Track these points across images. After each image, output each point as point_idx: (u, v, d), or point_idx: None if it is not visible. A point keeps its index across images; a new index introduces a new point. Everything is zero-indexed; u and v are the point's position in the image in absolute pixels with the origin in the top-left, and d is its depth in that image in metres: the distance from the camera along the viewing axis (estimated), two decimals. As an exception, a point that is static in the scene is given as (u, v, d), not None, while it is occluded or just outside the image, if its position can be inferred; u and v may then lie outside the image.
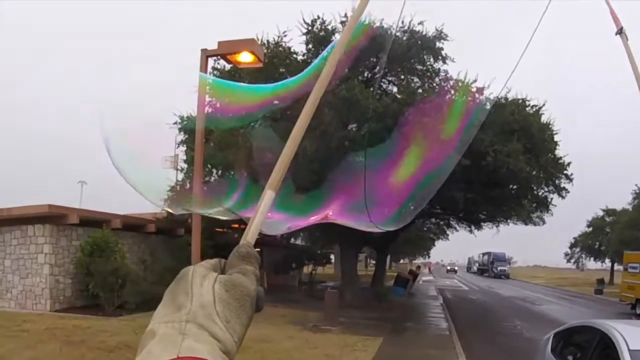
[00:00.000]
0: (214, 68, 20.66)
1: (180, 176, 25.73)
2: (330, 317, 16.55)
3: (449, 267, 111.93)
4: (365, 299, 24.11)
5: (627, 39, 2.61)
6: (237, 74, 17.22)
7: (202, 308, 0.86)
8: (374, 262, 47.27)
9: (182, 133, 22.87)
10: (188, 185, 20.73)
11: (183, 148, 23.82)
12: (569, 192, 21.96)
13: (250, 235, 1.11)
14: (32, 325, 14.82)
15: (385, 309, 21.99)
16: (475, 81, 18.26)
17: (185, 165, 23.34)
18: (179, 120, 22.55)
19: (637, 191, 51.57)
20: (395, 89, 20.70)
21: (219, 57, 11.89)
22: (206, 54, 10.69)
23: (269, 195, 1.20)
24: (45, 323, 15.13)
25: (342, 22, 20.14)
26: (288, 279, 36.29)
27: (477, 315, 24.97)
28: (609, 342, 5.25)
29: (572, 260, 72.57)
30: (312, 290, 28.29)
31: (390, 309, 22.09)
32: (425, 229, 46.52)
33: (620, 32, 2.62)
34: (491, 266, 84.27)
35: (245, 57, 10.69)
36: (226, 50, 10.58)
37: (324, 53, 2.05)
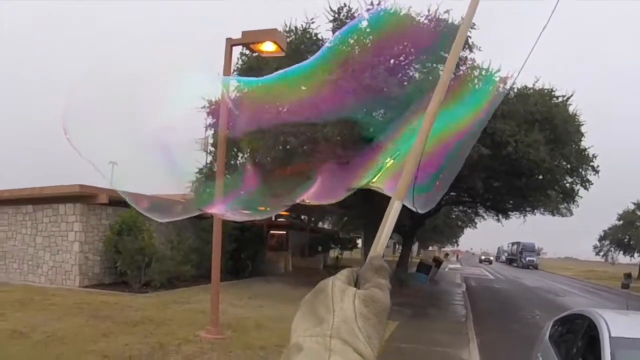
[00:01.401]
0: (241, 54, 20.96)
1: (209, 158, 26.16)
2: (348, 300, 16.83)
3: (482, 257, 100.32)
4: (387, 284, 24.33)
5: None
6: (263, 60, 17.46)
7: (344, 323, 0.87)
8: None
9: (210, 116, 23.22)
10: (215, 167, 21.15)
11: (212, 131, 24.19)
12: (592, 184, 21.86)
13: (380, 246, 1.12)
14: (61, 299, 15.40)
15: (405, 295, 22.13)
16: (499, 70, 18.27)
17: (213, 149, 23.74)
18: (207, 105, 22.88)
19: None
20: (418, 76, 20.78)
21: (243, 46, 12.18)
22: (231, 43, 11.04)
23: (396, 206, 1.21)
24: (73, 298, 15.70)
25: (368, 10, 20.22)
26: (313, 262, 36.60)
27: (498, 304, 25.06)
28: (594, 329, 5.46)
29: (602, 254, 71.56)
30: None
31: (410, 295, 22.25)
32: (453, 216, 46.44)
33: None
34: (520, 256, 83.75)
35: (268, 47, 11.00)
36: (250, 39, 10.90)
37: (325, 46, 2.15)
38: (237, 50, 17.52)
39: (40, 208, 20.25)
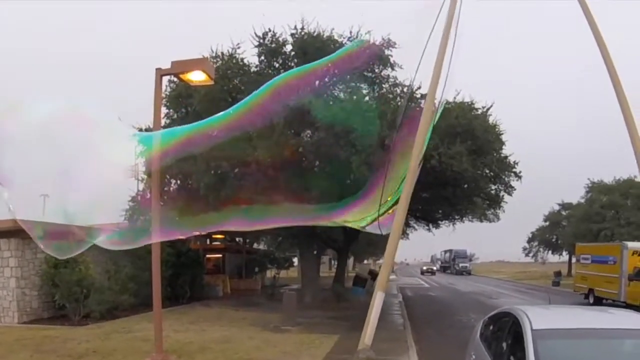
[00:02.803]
0: (170, 81, 21.10)
1: (141, 186, 26.06)
2: (289, 318, 17.14)
3: (424, 267, 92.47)
4: (324, 300, 24.74)
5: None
6: (192, 87, 17.69)
7: None
8: (338, 263, 47.91)
9: (142, 145, 23.19)
10: (148, 195, 21.13)
11: (142, 159, 24.10)
12: (515, 189, 22.80)
13: (367, 337, 1.38)
14: (2, 337, 15.17)
15: (343, 309, 22.62)
16: (419, 87, 19.05)
17: (145, 176, 23.72)
18: (138, 132, 22.93)
19: (590, 185, 53.07)
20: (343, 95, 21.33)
21: (172, 75, 12.41)
22: (160, 73, 11.27)
23: (379, 296, 1.49)
24: (14, 335, 15.48)
25: (292, 34, 20.70)
26: (251, 283, 36.79)
27: (434, 310, 25.80)
28: (518, 324, 6.01)
29: (531, 254, 73.98)
30: (274, 294, 28.74)
31: (348, 308, 22.72)
32: (384, 230, 47.24)
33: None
34: (453, 263, 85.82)
35: (197, 76, 11.31)
36: (179, 69, 11.17)
37: (262, 88, 2.46)
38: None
39: (-25, 244, 19.77)
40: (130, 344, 13.67)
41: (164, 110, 22.43)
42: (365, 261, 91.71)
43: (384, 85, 21.14)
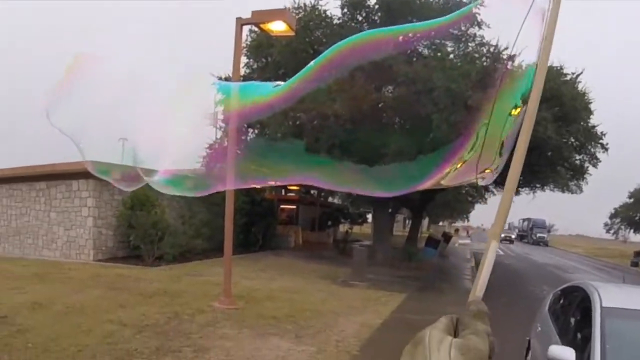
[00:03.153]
0: (250, 31, 21.10)
1: (219, 134, 26.37)
2: (358, 273, 17.11)
3: (502, 235, 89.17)
4: (395, 258, 24.59)
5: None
6: (272, 37, 17.62)
7: None
8: (413, 223, 47.47)
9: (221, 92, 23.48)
10: (225, 143, 21.38)
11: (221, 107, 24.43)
12: (600, 161, 21.93)
13: (479, 289, 1.19)
14: (77, 272, 15.79)
15: (413, 269, 22.47)
16: (506, 48, 18.35)
17: (223, 124, 24.00)
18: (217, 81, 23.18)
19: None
20: (427, 52, 20.82)
21: (252, 25, 12.34)
22: (241, 23, 11.21)
23: (493, 246, 1.28)
24: (89, 271, 16.10)
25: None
26: (323, 236, 36.96)
27: (506, 279, 25.24)
28: (588, 300, 5.72)
29: (612, 231, 71.32)
30: (345, 248, 28.78)
31: (418, 269, 22.57)
32: (463, 191, 46.41)
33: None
34: (530, 232, 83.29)
35: (277, 26, 11.18)
36: (259, 19, 11.06)
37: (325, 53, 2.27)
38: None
39: (54, 184, 20.60)
40: (200, 287, 13.97)
41: (243, 59, 22.52)
42: (441, 223, 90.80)
43: (469, 44, 20.53)
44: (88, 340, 8.27)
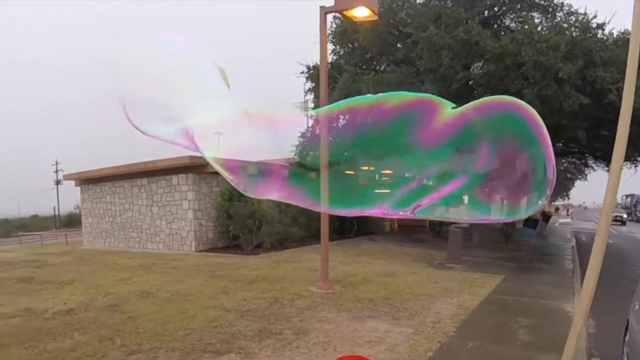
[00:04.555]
0: (335, 17, 21.28)
1: (311, 122, 26.73)
2: (453, 256, 17.05)
3: (613, 214, 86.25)
4: (492, 240, 24.25)
5: None
6: (356, 23, 17.76)
7: None
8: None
9: (309, 81, 23.83)
10: (317, 131, 21.67)
11: (311, 96, 24.76)
12: None
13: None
14: (180, 263, 16.56)
15: (510, 250, 22.09)
16: (595, 17, 17.76)
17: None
18: (306, 70, 23.51)
19: None
20: (514, 25, 20.31)
21: (336, 12, 12.48)
22: (324, 11, 11.37)
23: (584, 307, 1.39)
24: (191, 261, 16.83)
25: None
26: (419, 220, 36.67)
27: (609, 259, 24.12)
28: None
29: None
30: (440, 231, 28.57)
31: (515, 250, 22.18)
32: (561, 168, 44.89)
33: None
34: (634, 209, 79.35)
35: (360, 12, 11.26)
36: (342, 6, 11.17)
37: None
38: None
39: (155, 180, 21.57)
40: (298, 272, 14.33)
41: (330, 46, 22.71)
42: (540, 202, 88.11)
43: (557, 14, 19.88)
44: (194, 324, 8.73)
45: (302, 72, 23.76)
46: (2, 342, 8.05)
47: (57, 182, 76.40)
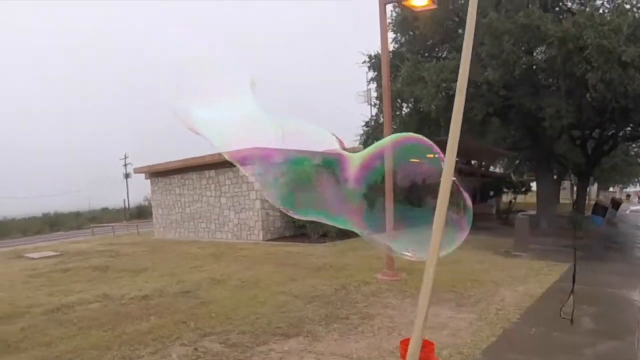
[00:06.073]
0: (394, 6, 21.33)
1: (374, 111, 26.93)
2: (520, 244, 16.90)
3: None
4: (560, 227, 23.89)
5: None
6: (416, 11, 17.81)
7: None
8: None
9: (372, 70, 23.97)
10: (381, 119, 21.89)
11: (374, 85, 24.89)
12: None
13: None
14: (249, 252, 17.07)
15: (580, 238, 21.70)
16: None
17: (378, 101, 24.49)
18: (367, 59, 23.65)
19: None
20: (575, 7, 19.85)
21: (395, 2, 12.60)
22: (383, 2, 11.52)
23: None
24: (260, 250, 17.33)
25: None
26: (485, 207, 36.25)
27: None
28: None
29: None
30: (507, 219, 28.25)
31: (583, 238, 21.78)
32: (632, 153, 43.55)
33: None
34: None
35: (419, 1, 11.36)
36: (401, -4, 11.32)
37: None
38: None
39: (222, 172, 22.16)
40: (363, 260, 14.57)
41: (390, 35, 22.77)
42: (611, 189, 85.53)
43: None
44: (264, 309, 9.10)
45: (364, 62, 23.88)
46: (82, 325, 8.62)
47: (126, 176, 78.61)
